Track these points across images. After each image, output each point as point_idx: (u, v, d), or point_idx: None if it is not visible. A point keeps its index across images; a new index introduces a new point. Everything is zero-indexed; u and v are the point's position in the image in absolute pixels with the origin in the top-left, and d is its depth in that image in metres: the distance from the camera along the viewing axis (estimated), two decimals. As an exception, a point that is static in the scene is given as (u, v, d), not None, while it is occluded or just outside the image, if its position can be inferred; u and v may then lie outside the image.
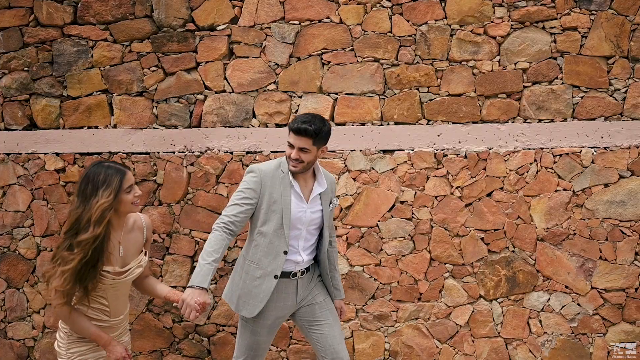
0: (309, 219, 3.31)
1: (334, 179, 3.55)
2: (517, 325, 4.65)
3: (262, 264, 3.26)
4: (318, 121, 3.21)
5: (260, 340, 3.36)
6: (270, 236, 3.24)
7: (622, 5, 4.50)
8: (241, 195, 3.24)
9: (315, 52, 4.70)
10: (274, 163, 3.33)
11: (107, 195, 2.76)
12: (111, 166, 2.84)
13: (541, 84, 4.59)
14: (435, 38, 4.62)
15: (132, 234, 2.98)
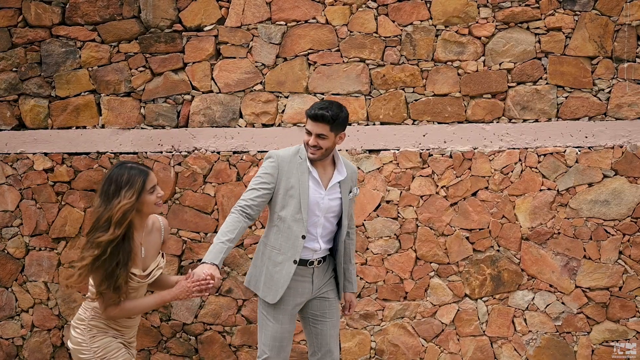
0: (326, 206, 3.32)
1: (355, 168, 3.54)
2: (502, 324, 4.68)
3: (282, 249, 3.29)
4: (335, 107, 3.24)
5: (284, 328, 3.34)
6: (289, 221, 3.27)
7: (605, 5, 4.54)
8: (259, 180, 3.27)
9: (301, 53, 4.73)
10: (293, 149, 3.36)
11: (130, 195, 2.76)
12: (134, 167, 2.84)
13: (526, 84, 4.62)
14: (421, 38, 4.65)
15: (151, 236, 2.99)
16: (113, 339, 2.91)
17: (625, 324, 4.61)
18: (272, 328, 3.33)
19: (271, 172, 3.27)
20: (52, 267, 4.90)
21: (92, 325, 2.88)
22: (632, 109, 4.56)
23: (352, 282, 3.57)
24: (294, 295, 3.33)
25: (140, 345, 4.86)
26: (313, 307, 3.46)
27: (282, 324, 3.33)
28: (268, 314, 3.34)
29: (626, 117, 4.57)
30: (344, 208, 3.37)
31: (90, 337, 2.87)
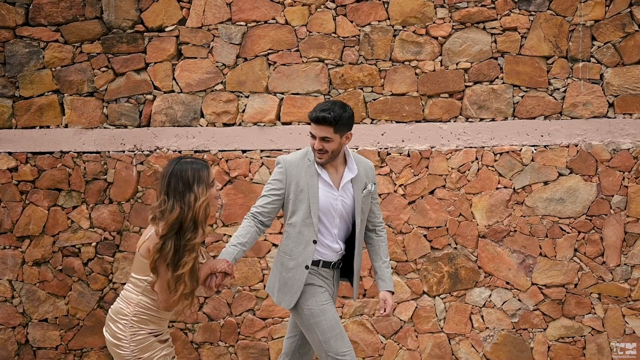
0: (340, 207, 3.25)
1: (371, 164, 3.43)
2: (460, 321, 4.73)
3: (293, 255, 3.25)
4: (338, 108, 3.15)
5: (334, 315, 3.23)
6: (299, 226, 3.22)
7: (560, 6, 4.59)
8: (269, 187, 3.26)
9: (261, 53, 4.78)
10: (301, 152, 3.32)
11: (203, 191, 2.73)
12: (193, 161, 2.80)
13: (482, 83, 4.68)
14: (379, 39, 4.70)
15: None
16: (153, 337, 2.84)
17: (581, 320, 4.66)
18: (324, 319, 3.20)
19: (279, 178, 3.24)
20: (16, 265, 4.95)
21: (135, 321, 2.81)
22: (587, 108, 4.61)
23: (385, 280, 3.40)
24: (321, 289, 3.26)
25: (103, 342, 4.88)
26: None
27: (330, 312, 3.22)
28: (313, 312, 3.21)
29: (581, 116, 4.62)
30: (356, 206, 3.27)
31: (132, 334, 2.81)
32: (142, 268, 2.77)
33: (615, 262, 4.61)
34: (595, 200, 4.61)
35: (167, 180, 2.73)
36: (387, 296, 3.38)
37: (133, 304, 2.81)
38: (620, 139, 4.60)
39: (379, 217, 3.47)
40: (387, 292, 3.38)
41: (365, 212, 3.34)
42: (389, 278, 3.42)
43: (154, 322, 2.84)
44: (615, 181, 4.59)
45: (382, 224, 3.48)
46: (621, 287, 4.62)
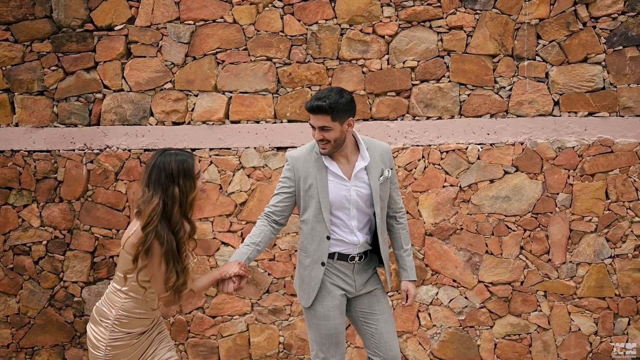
0: (356, 197, 3.15)
1: (387, 147, 3.29)
2: (407, 319, 4.75)
3: (308, 252, 3.19)
4: (334, 94, 3.04)
5: (337, 323, 3.19)
6: (311, 222, 3.15)
7: (505, 4, 4.60)
8: (279, 185, 3.23)
9: (210, 52, 4.79)
10: (308, 146, 3.23)
11: (191, 185, 2.71)
12: (177, 153, 2.75)
13: (429, 82, 4.69)
14: (326, 37, 4.72)
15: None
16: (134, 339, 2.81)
17: (527, 318, 4.68)
18: (324, 326, 3.18)
19: (288, 176, 3.19)
20: (-33, 264, 4.96)
21: (117, 325, 2.77)
22: (533, 107, 4.63)
23: (406, 270, 3.32)
24: (337, 289, 3.19)
25: (54, 340, 4.92)
26: (360, 305, 3.28)
27: (333, 320, 3.18)
28: (316, 313, 3.19)
29: (527, 114, 4.64)
30: (374, 194, 3.15)
31: (112, 339, 2.77)
32: (127, 265, 2.72)
33: (560, 259, 4.63)
34: (540, 198, 4.63)
35: (149, 172, 2.70)
36: (409, 286, 3.30)
37: (117, 307, 2.77)
38: (565, 137, 4.61)
39: (399, 203, 3.35)
40: (409, 282, 3.30)
41: (385, 200, 3.22)
42: (411, 267, 3.32)
43: (140, 323, 2.81)
44: (561, 179, 4.61)
45: (402, 210, 3.37)
46: (566, 284, 4.64)
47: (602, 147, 4.59)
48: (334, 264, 3.19)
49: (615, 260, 4.61)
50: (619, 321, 4.64)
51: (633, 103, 4.57)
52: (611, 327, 4.64)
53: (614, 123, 4.59)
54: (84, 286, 4.90)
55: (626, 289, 4.62)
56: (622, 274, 4.61)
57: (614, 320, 4.64)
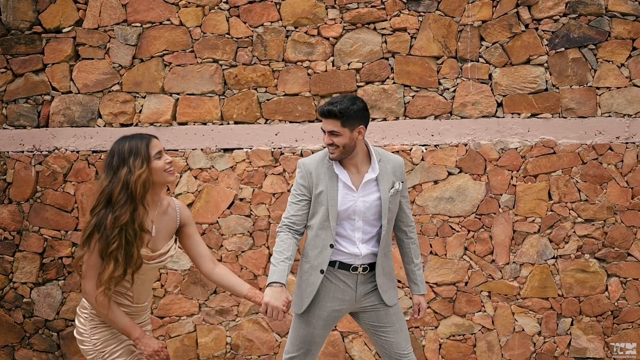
0: (362, 208, 3.13)
1: (400, 161, 3.28)
2: (352, 319, 4.75)
3: (309, 258, 3.18)
4: (347, 101, 3.06)
5: (315, 333, 3.20)
6: (316, 229, 3.14)
7: (448, 7, 4.63)
8: (295, 194, 3.18)
9: (157, 54, 4.82)
10: (321, 154, 3.23)
11: (140, 164, 2.63)
12: (135, 135, 2.71)
13: (374, 83, 4.72)
14: (271, 39, 4.74)
15: (165, 216, 2.84)
16: (116, 335, 2.77)
17: (471, 318, 4.71)
18: (303, 331, 3.20)
19: (302, 183, 3.16)
20: None
21: (94, 314, 2.75)
22: (476, 108, 4.66)
23: (417, 284, 3.34)
24: (331, 301, 3.18)
25: (4, 341, 4.95)
26: (368, 319, 3.27)
27: (314, 329, 3.20)
28: (302, 316, 3.21)
29: (470, 115, 4.66)
30: (383, 206, 3.13)
31: (92, 328, 2.75)
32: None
33: (504, 260, 4.66)
34: (484, 199, 4.65)
35: (107, 158, 2.69)
36: (420, 300, 3.34)
37: None
38: (508, 139, 4.64)
39: (410, 216, 3.34)
40: (421, 296, 3.34)
41: (393, 212, 3.20)
42: (422, 281, 3.35)
43: None
44: (504, 180, 4.64)
45: (413, 224, 3.36)
46: (510, 285, 4.67)
47: (545, 148, 4.61)
48: (335, 272, 3.17)
49: (558, 260, 4.64)
50: (562, 321, 4.66)
51: (575, 104, 4.60)
52: (554, 328, 4.66)
53: (557, 124, 4.61)
54: (33, 287, 4.92)
55: (569, 290, 4.64)
56: (565, 274, 4.63)
57: (557, 321, 4.66)
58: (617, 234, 4.59)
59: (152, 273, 2.86)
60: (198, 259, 2.97)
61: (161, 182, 2.75)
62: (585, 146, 4.59)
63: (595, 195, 4.59)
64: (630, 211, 4.58)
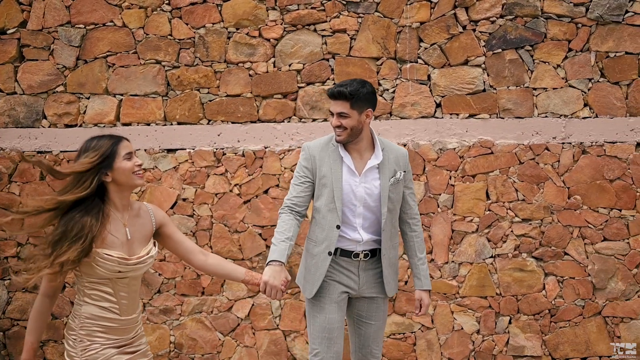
0: (363, 194, 3.18)
1: (404, 151, 3.33)
2: (295, 318, 4.81)
3: (318, 240, 3.21)
4: (357, 83, 3.12)
5: (331, 318, 3.19)
6: (323, 211, 3.18)
7: (387, 8, 4.67)
8: (297, 175, 3.23)
9: (100, 55, 4.86)
10: (326, 137, 3.28)
11: (93, 155, 2.58)
12: (106, 135, 2.69)
13: (314, 84, 4.76)
14: (213, 41, 4.78)
15: (139, 220, 2.75)
16: (113, 349, 2.66)
17: (411, 317, 4.75)
18: (320, 318, 3.20)
19: (306, 165, 3.22)
20: None
21: (83, 335, 2.63)
22: (415, 109, 4.70)
23: (420, 279, 3.30)
24: (338, 284, 3.21)
25: (-50, 340, 4.98)
26: (360, 308, 3.31)
27: (329, 313, 3.19)
28: (314, 306, 3.22)
29: (410, 116, 4.71)
30: (382, 193, 3.17)
31: (82, 350, 2.63)
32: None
33: (443, 259, 4.70)
34: (423, 199, 4.70)
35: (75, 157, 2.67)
36: (423, 296, 3.29)
37: (78, 315, 2.65)
38: (447, 139, 4.68)
39: (414, 208, 3.35)
40: (424, 292, 3.29)
41: (395, 202, 3.22)
42: (426, 276, 3.30)
43: (110, 332, 2.66)
44: (442, 180, 4.68)
45: (417, 216, 3.36)
46: (449, 284, 4.71)
47: (483, 149, 4.66)
48: (337, 259, 3.20)
49: (496, 260, 4.68)
50: (500, 320, 4.71)
51: (512, 105, 4.64)
52: (493, 326, 4.71)
53: (494, 125, 4.66)
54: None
55: (507, 288, 4.69)
56: (503, 273, 4.68)
57: (496, 319, 4.71)
58: (554, 233, 4.63)
59: (136, 282, 2.75)
60: (187, 255, 2.91)
61: (128, 185, 2.67)
62: (522, 146, 4.64)
63: (532, 195, 4.64)
64: (566, 211, 4.63)
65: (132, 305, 2.73)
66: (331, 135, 3.25)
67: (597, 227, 4.62)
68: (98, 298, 2.64)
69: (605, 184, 4.61)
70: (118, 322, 2.67)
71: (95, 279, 2.62)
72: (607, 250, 4.63)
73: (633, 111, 4.59)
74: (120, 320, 2.67)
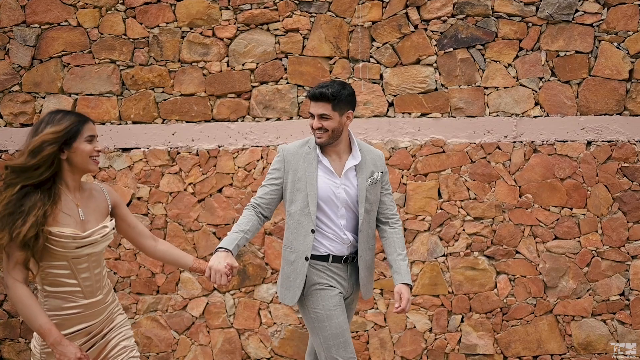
0: (345, 195, 3.16)
1: (380, 153, 3.33)
2: (249, 317, 4.83)
3: (294, 247, 3.18)
4: (337, 85, 3.10)
5: (342, 321, 3.13)
6: (297, 216, 3.15)
7: (339, 8, 4.68)
8: (268, 177, 3.23)
9: (55, 55, 4.87)
10: (302, 140, 3.28)
11: (55, 130, 2.49)
12: (72, 112, 2.61)
13: (268, 83, 4.77)
14: (167, 40, 4.80)
15: (92, 200, 2.69)
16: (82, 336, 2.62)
17: (364, 315, 4.76)
18: (331, 326, 3.11)
19: (277, 167, 3.20)
20: None
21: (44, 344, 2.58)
22: (368, 108, 4.71)
23: (400, 273, 3.23)
24: (333, 289, 3.16)
25: None
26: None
27: (337, 318, 3.13)
28: (319, 316, 3.13)
29: (362, 115, 4.72)
30: (359, 194, 3.16)
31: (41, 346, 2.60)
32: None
33: (395, 258, 4.71)
34: (375, 198, 4.71)
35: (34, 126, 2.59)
36: (402, 289, 3.19)
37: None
38: (399, 138, 4.70)
39: (392, 208, 3.34)
40: (403, 285, 3.20)
41: (372, 202, 3.22)
42: (406, 271, 3.23)
43: (75, 321, 2.61)
44: (395, 179, 4.69)
45: (396, 215, 3.35)
46: (402, 282, 4.72)
47: (434, 148, 4.67)
48: (329, 266, 3.17)
49: (448, 258, 4.70)
50: (452, 318, 4.72)
51: (464, 104, 4.66)
52: (445, 324, 4.72)
53: (446, 123, 4.67)
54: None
55: (459, 287, 4.70)
56: (455, 271, 4.69)
57: (448, 318, 4.72)
58: (505, 231, 4.65)
59: (97, 261, 2.65)
60: (138, 238, 2.87)
61: (82, 168, 2.61)
62: (473, 145, 4.65)
63: (483, 194, 4.66)
64: (518, 209, 4.64)
65: (95, 285, 2.65)
66: (307, 138, 3.23)
67: (548, 225, 4.64)
68: (58, 284, 2.57)
69: (556, 183, 4.62)
70: (83, 307, 2.61)
71: (53, 262, 2.55)
72: (558, 248, 4.64)
73: (583, 110, 4.61)
74: (85, 304, 2.61)
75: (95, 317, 2.65)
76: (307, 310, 3.18)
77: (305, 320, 3.23)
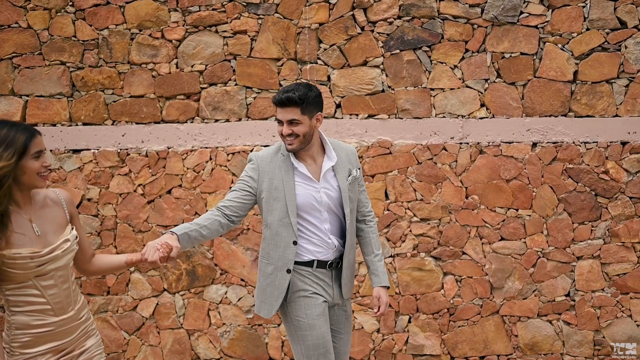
0: (326, 199, 3.05)
1: (352, 149, 3.23)
2: (198, 317, 4.85)
3: (271, 259, 3.06)
4: (303, 87, 2.96)
5: (324, 331, 3.03)
6: (275, 227, 3.02)
7: (286, 9, 4.70)
8: (239, 182, 3.07)
9: (6, 56, 4.89)
10: (273, 148, 3.12)
11: (8, 156, 2.33)
12: (19, 125, 2.43)
13: (216, 85, 4.79)
14: (117, 42, 4.81)
15: (46, 210, 2.54)
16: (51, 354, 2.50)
17: (313, 316, 4.78)
18: (312, 337, 3.02)
19: (251, 175, 3.05)
20: None
21: (16, 347, 2.46)
22: (315, 109, 4.73)
23: (378, 275, 3.17)
24: (317, 296, 3.07)
25: None
26: (331, 319, 3.20)
27: (319, 328, 3.02)
28: (301, 325, 3.04)
29: (310, 116, 4.73)
30: (343, 195, 3.06)
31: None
32: None
33: (343, 259, 4.73)
34: (323, 199, 4.72)
35: None
36: (381, 293, 3.14)
37: (8, 327, 2.47)
38: (346, 139, 4.71)
39: (368, 206, 3.27)
40: (381, 288, 3.15)
41: (354, 201, 3.13)
42: (383, 272, 3.18)
43: (45, 339, 2.49)
44: (342, 180, 4.70)
45: (371, 213, 3.28)
46: (349, 283, 4.74)
47: (381, 149, 4.69)
48: (314, 272, 3.07)
49: (395, 259, 4.71)
50: (400, 319, 4.74)
51: (410, 105, 4.67)
52: (392, 325, 4.74)
53: (393, 125, 4.69)
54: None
55: (406, 288, 4.72)
56: (402, 272, 4.71)
57: (396, 318, 4.74)
58: (452, 232, 4.67)
59: (63, 274, 2.53)
60: (79, 255, 2.69)
61: (29, 185, 2.46)
62: (420, 146, 4.67)
63: (430, 195, 4.67)
64: (464, 210, 4.66)
65: (66, 301, 2.53)
66: (279, 144, 3.11)
67: (494, 226, 4.66)
68: (24, 304, 2.44)
69: (502, 184, 4.64)
70: (54, 325, 2.49)
71: (15, 284, 2.43)
72: (504, 249, 4.66)
73: (529, 111, 4.62)
74: (57, 322, 2.49)
75: (67, 334, 2.54)
76: (289, 317, 3.09)
77: (286, 327, 3.14)
